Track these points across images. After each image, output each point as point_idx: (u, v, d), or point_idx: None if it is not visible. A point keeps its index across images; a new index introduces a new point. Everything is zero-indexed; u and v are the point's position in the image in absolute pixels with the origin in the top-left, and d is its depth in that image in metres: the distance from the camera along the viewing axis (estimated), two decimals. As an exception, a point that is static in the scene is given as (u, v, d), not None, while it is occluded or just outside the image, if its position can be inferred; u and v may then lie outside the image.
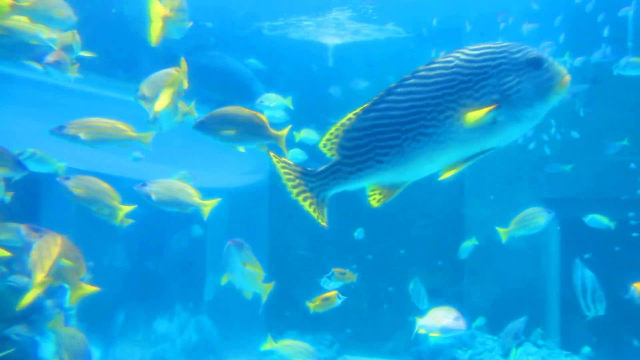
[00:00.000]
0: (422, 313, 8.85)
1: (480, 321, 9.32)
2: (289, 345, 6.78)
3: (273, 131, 4.74)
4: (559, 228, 9.97)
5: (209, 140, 4.67)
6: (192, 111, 5.31)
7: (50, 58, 4.66)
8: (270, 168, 11.00)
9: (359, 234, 8.05)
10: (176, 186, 5.47)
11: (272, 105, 6.85)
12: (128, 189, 5.61)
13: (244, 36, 10.23)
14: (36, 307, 6.03)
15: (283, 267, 10.96)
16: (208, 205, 5.70)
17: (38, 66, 5.11)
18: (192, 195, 5.50)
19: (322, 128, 10.33)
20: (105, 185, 5.37)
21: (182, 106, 5.10)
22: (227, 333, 12.29)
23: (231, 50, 9.90)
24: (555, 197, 9.53)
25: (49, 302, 6.25)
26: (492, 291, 9.77)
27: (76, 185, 5.10)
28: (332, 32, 10.54)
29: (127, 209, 5.56)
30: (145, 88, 4.81)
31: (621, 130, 8.78)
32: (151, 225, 10.92)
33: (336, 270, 6.43)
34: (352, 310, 10.71)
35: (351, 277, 6.45)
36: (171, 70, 4.74)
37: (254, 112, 4.71)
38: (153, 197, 5.30)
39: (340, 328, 10.69)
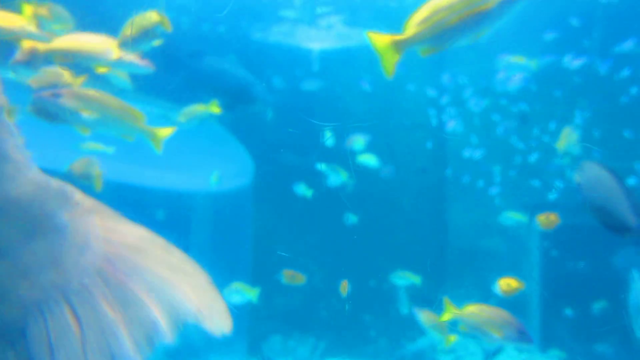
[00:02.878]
0: (404, 317, 8.92)
1: (459, 326, 9.39)
2: (476, 312, 4.98)
3: (146, 127, 4.22)
4: (539, 232, 10.10)
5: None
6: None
7: (18, 57, 3.95)
8: (254, 172, 10.99)
9: (350, 218, 8.05)
10: (113, 103, 4.07)
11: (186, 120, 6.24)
12: (113, 193, 5.54)
13: (228, 39, 10.22)
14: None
15: (267, 271, 10.95)
16: (160, 134, 4.48)
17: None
18: (136, 117, 4.20)
19: (308, 127, 10.33)
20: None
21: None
22: (209, 338, 12.22)
23: (214, 54, 9.91)
24: (536, 202, 9.65)
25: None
26: (474, 295, 9.85)
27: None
28: (318, 36, 10.58)
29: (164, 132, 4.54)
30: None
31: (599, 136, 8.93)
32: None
33: (286, 272, 6.44)
34: (335, 313, 10.72)
35: (300, 279, 6.47)
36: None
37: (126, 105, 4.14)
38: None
39: (324, 331, 10.70)
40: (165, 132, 4.52)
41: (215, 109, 6.13)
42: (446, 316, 5.11)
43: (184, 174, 13.62)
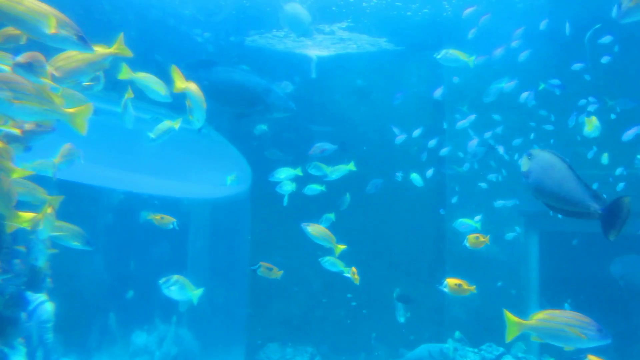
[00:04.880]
0: (402, 325, 8.90)
1: (456, 335, 9.39)
2: (547, 318, 4.56)
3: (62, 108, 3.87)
4: (538, 240, 10.10)
5: None
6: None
7: (21, 59, 3.76)
8: (252, 178, 10.97)
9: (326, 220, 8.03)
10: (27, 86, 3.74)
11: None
12: (111, 200, 5.52)
13: (227, 46, 10.25)
14: (12, 320, 5.92)
15: (264, 278, 10.91)
16: (79, 116, 3.99)
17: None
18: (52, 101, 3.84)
19: (305, 136, 10.31)
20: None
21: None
22: (207, 345, 12.17)
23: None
24: (535, 210, 9.65)
25: (23, 316, 6.15)
26: (472, 303, 9.83)
27: None
28: (317, 44, 10.62)
29: None
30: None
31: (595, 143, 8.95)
32: (131, 235, 10.82)
33: (263, 264, 6.41)
34: (332, 321, 10.69)
35: (277, 274, 6.44)
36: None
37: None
38: None
39: (321, 340, 10.65)
40: (83, 111, 4.00)
41: (177, 124, 6.25)
42: (513, 331, 4.51)
43: (182, 182, 13.62)
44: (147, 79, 5.12)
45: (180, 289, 5.70)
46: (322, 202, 8.32)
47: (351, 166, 7.63)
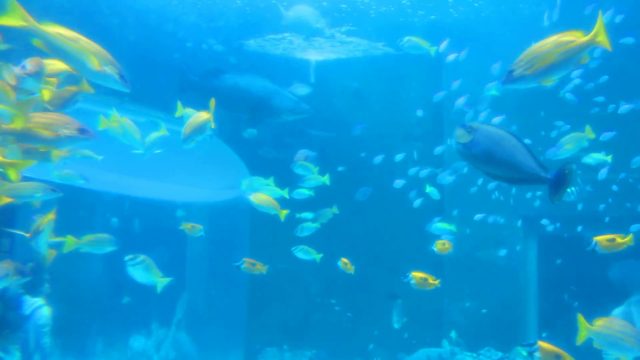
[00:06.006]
0: (401, 329, 8.87)
1: (452, 334, 9.40)
2: (608, 325, 4.52)
3: None
4: (536, 245, 10.10)
5: None
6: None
7: (30, 68, 3.91)
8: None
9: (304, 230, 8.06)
10: None
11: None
12: (109, 203, 5.52)
13: (224, 51, 10.26)
14: (8, 324, 5.91)
15: (262, 282, 10.90)
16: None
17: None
18: None
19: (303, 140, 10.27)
20: None
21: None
22: (205, 350, 12.14)
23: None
24: (533, 214, 9.66)
25: (20, 319, 6.13)
26: (471, 307, 9.82)
27: None
28: (315, 48, 10.63)
29: None
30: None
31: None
32: (130, 239, 10.78)
33: (246, 259, 6.42)
34: (331, 326, 10.66)
35: (261, 268, 6.46)
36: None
37: None
38: None
39: (320, 344, 10.63)
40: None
41: (163, 132, 6.49)
42: (583, 335, 4.51)
43: (180, 185, 13.61)
44: (124, 126, 5.63)
45: (145, 270, 5.42)
46: (322, 203, 8.32)
47: (325, 179, 7.65)
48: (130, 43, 9.25)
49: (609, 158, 7.73)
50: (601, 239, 5.62)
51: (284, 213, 6.68)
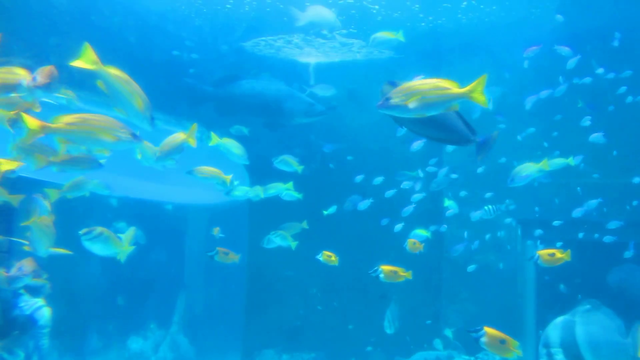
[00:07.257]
0: (398, 333, 8.86)
1: (447, 332, 9.43)
2: None
3: None
4: (534, 248, 10.10)
5: None
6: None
7: (41, 79, 4.08)
8: (249, 184, 10.96)
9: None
10: None
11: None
12: (107, 204, 5.52)
13: (225, 53, 10.25)
14: (20, 325, 5.89)
15: (261, 284, 10.89)
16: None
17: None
18: None
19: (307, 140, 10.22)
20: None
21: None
22: (202, 351, 12.12)
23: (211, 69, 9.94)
24: (531, 218, 9.67)
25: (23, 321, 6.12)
26: (469, 311, 9.83)
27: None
28: (315, 50, 10.63)
29: None
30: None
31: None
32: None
33: (220, 249, 6.39)
34: (329, 329, 10.66)
35: (234, 257, 6.44)
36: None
37: None
38: None
39: (318, 347, 10.62)
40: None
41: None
42: None
43: (178, 187, 13.59)
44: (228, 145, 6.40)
45: (103, 243, 5.15)
46: (321, 205, 8.33)
47: (289, 186, 7.68)
48: (131, 43, 9.25)
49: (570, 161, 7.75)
50: (542, 253, 5.85)
51: (228, 178, 6.73)
